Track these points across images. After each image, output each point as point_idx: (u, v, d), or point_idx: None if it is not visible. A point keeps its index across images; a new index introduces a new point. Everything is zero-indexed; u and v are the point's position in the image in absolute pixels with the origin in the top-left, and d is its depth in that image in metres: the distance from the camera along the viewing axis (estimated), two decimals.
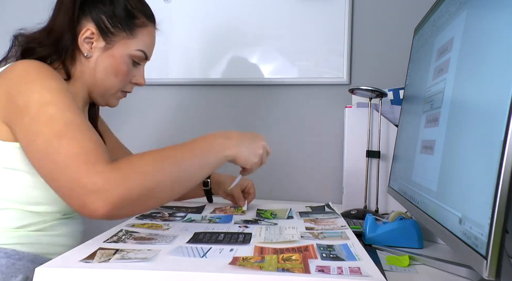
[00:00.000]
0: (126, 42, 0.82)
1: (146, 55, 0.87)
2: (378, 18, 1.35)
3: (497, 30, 0.51)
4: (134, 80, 0.88)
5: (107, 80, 0.83)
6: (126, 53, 0.83)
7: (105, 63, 0.82)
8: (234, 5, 1.42)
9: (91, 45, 0.80)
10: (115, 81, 0.84)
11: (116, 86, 0.85)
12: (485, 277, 0.44)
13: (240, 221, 0.81)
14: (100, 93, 0.85)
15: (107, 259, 0.53)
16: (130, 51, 0.83)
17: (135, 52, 0.84)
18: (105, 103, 0.88)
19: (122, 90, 0.87)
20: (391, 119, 1.17)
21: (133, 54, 0.83)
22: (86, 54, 0.80)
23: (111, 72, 0.82)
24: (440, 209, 0.62)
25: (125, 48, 0.82)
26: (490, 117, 0.48)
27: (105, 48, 0.81)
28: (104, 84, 0.83)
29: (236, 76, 1.44)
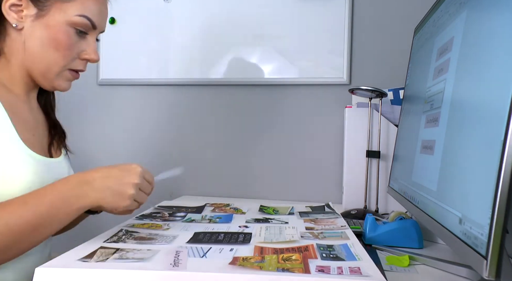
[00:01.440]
0: (61, 6, 0.69)
1: (91, 22, 0.72)
2: (378, 18, 1.35)
3: (497, 30, 0.51)
4: (84, 55, 0.74)
5: (46, 55, 0.70)
6: (64, 20, 0.69)
7: (39, 34, 0.69)
8: (234, 5, 1.42)
9: (21, 14, 0.68)
10: (55, 56, 0.70)
11: (59, 63, 0.71)
12: (485, 277, 0.44)
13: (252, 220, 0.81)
14: (41, 73, 0.72)
15: (105, 258, 0.53)
16: (68, 17, 0.69)
17: (75, 18, 0.70)
18: (51, 86, 0.74)
19: (70, 68, 0.74)
20: (391, 119, 1.17)
21: (73, 21, 0.70)
22: (14, 24, 0.68)
23: (48, 45, 0.69)
24: (440, 209, 0.62)
25: (61, 14, 0.69)
26: (490, 117, 0.48)
27: (37, 16, 0.68)
28: (43, 61, 0.70)
29: (236, 76, 1.44)
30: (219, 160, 1.46)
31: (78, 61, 0.74)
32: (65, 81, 0.75)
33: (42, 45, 0.69)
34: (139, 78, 1.50)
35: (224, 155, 1.46)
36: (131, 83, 1.51)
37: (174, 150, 1.49)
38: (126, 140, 1.53)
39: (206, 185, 1.46)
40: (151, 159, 1.51)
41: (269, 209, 0.91)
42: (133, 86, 1.52)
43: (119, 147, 1.53)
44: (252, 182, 1.44)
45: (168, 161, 1.49)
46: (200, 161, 1.47)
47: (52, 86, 0.74)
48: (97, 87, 1.55)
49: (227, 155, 1.46)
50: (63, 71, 0.73)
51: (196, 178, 1.48)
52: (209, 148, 1.47)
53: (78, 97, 1.54)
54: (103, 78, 1.53)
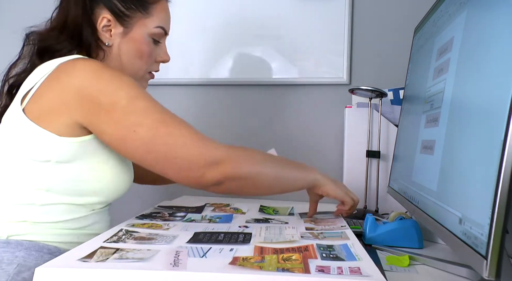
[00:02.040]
0: (143, 22, 0.82)
1: (165, 30, 0.85)
2: (378, 18, 1.35)
3: (497, 30, 0.51)
4: (159, 58, 0.88)
5: (133, 64, 0.83)
6: (146, 33, 0.82)
7: (127, 47, 0.81)
8: (234, 5, 1.42)
9: (110, 33, 0.80)
10: (140, 63, 0.84)
11: (143, 68, 0.85)
12: (485, 277, 0.44)
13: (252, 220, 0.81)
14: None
15: (105, 258, 0.53)
16: (149, 30, 0.82)
17: (154, 29, 0.83)
18: None
19: (150, 71, 0.88)
20: (391, 119, 1.17)
21: (153, 32, 0.83)
22: (107, 43, 0.80)
23: (135, 55, 0.82)
24: (440, 209, 0.62)
25: (143, 28, 0.82)
26: (490, 117, 0.48)
27: (124, 33, 0.81)
28: (131, 69, 0.83)
29: (236, 76, 1.44)
30: None
31: (154, 64, 0.88)
32: (145, 82, 0.89)
33: (130, 56, 0.82)
34: None
35: None
36: None
37: None
38: None
39: None
40: None
41: (269, 209, 0.91)
42: None
43: None
44: None
45: None
46: None
47: None
48: None
49: None
50: (145, 74, 0.87)
51: None
52: None
53: None
54: None
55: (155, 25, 0.83)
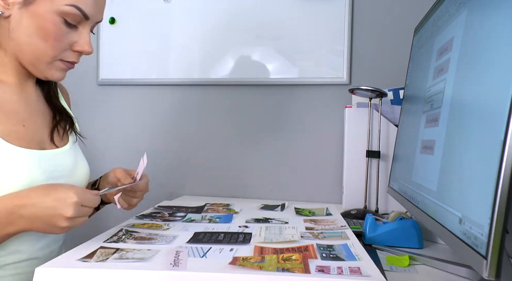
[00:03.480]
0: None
1: (82, 12, 0.68)
2: (378, 18, 1.35)
3: (497, 30, 0.51)
4: (76, 47, 0.71)
5: (34, 45, 0.67)
6: (53, 9, 0.66)
7: (26, 22, 0.66)
8: (234, 5, 1.42)
9: (7, 1, 0.66)
10: (44, 46, 0.68)
11: (47, 52, 0.68)
12: (485, 277, 0.44)
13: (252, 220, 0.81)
14: (30, 62, 0.70)
15: (105, 258, 0.53)
16: (56, 6, 0.66)
17: (65, 7, 0.66)
18: (42, 75, 0.72)
19: (62, 59, 0.71)
20: (391, 119, 1.17)
21: (62, 10, 0.66)
22: (1, 12, 0.66)
23: (36, 34, 0.67)
24: (440, 209, 0.62)
25: (49, 3, 0.66)
26: (490, 117, 0.48)
27: (24, 3, 0.66)
28: (32, 50, 0.68)
29: (236, 76, 1.44)
30: (219, 160, 1.46)
31: (70, 52, 0.71)
32: (58, 70, 0.72)
33: (29, 34, 0.67)
34: (139, 78, 1.50)
35: (224, 155, 1.46)
36: (131, 83, 1.51)
37: (174, 150, 1.49)
38: (126, 140, 1.53)
39: (206, 185, 1.46)
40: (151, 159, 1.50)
41: (304, 211, 0.92)
42: (133, 86, 1.52)
43: (119, 147, 1.53)
44: (252, 182, 1.44)
45: (168, 161, 1.49)
46: (200, 161, 1.47)
47: (44, 75, 0.72)
48: (97, 87, 1.55)
49: (227, 155, 1.46)
50: (53, 61, 0.70)
51: (196, 178, 1.48)
52: (209, 148, 1.47)
53: (78, 97, 1.54)
54: (103, 78, 1.53)
55: (66, 2, 0.66)
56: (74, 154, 0.79)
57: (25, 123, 0.71)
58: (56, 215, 0.59)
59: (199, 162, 1.47)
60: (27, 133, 0.71)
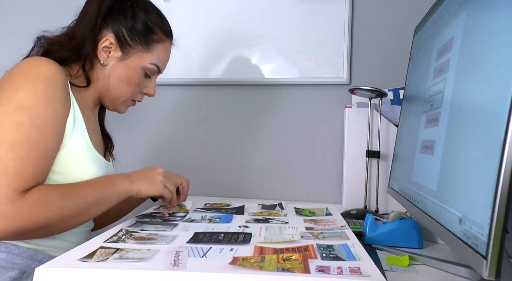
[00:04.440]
0: (141, 55, 0.87)
1: (159, 68, 0.91)
2: (378, 18, 1.35)
3: (497, 30, 0.51)
4: (145, 91, 0.93)
5: (119, 88, 0.88)
6: (140, 65, 0.87)
7: (119, 72, 0.86)
8: (234, 5, 1.42)
9: (109, 54, 0.85)
10: (126, 89, 0.88)
11: (127, 94, 0.90)
12: (485, 277, 0.44)
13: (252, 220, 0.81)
14: (111, 99, 0.90)
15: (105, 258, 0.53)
16: (144, 63, 0.87)
17: (149, 65, 0.88)
18: (114, 109, 0.93)
19: (132, 99, 0.93)
20: (391, 119, 1.17)
21: (147, 66, 0.88)
22: (102, 62, 0.85)
23: (123, 81, 0.87)
24: (440, 209, 0.62)
25: (140, 60, 0.87)
26: (490, 117, 0.48)
27: (121, 58, 0.85)
28: (116, 91, 0.88)
29: (236, 76, 1.44)
30: (219, 160, 1.46)
31: (139, 94, 0.93)
32: (125, 107, 0.95)
33: (119, 80, 0.87)
34: None
35: (224, 155, 1.46)
36: None
37: (174, 150, 1.49)
38: (125, 140, 1.53)
39: (206, 185, 1.46)
40: (151, 159, 1.51)
41: (304, 211, 0.92)
42: None
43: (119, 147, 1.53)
44: (252, 182, 1.44)
45: (168, 161, 1.49)
46: (200, 161, 1.47)
47: (115, 109, 0.93)
48: None
49: (227, 155, 1.46)
50: (127, 100, 0.92)
51: (196, 178, 1.48)
52: (209, 148, 1.47)
53: None
54: None
55: (152, 61, 0.88)
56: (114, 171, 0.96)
57: (98, 138, 0.91)
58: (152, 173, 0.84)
59: (199, 162, 1.47)
60: (98, 145, 0.89)
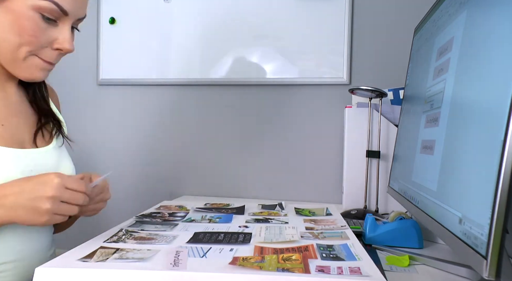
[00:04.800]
0: None
1: (60, 7, 0.65)
2: (378, 18, 1.35)
3: (497, 30, 0.51)
4: (55, 45, 0.68)
5: (9, 41, 0.65)
6: (29, 5, 0.64)
7: (1, 19, 0.64)
8: (234, 5, 1.42)
9: None
10: (18, 42, 0.65)
11: (23, 49, 0.66)
12: (485, 277, 0.44)
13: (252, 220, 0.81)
14: (8, 61, 0.68)
15: (105, 258, 0.53)
16: (32, 1, 0.64)
17: (40, 2, 0.64)
18: (22, 75, 0.70)
19: (40, 57, 0.68)
20: (391, 119, 1.17)
21: (38, 5, 0.64)
22: None
23: (10, 31, 0.64)
24: (440, 209, 0.62)
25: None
26: (490, 117, 0.48)
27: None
28: (7, 48, 0.65)
29: (236, 76, 1.44)
30: (219, 160, 1.46)
31: (49, 50, 0.69)
32: (37, 70, 0.69)
33: (3, 31, 0.64)
34: (139, 78, 1.50)
35: (224, 155, 1.46)
36: (131, 83, 1.51)
37: (174, 150, 1.49)
38: (126, 140, 1.53)
39: (206, 185, 1.46)
40: (151, 159, 1.51)
41: (304, 210, 0.92)
42: (133, 86, 1.52)
43: (119, 147, 1.53)
44: (252, 182, 1.44)
45: (168, 161, 1.49)
46: (200, 161, 1.47)
47: (24, 75, 0.70)
48: (97, 87, 1.55)
49: (227, 155, 1.46)
50: (29, 56, 0.67)
51: (196, 178, 1.48)
52: (209, 148, 1.47)
53: (78, 97, 1.54)
54: (103, 78, 1.53)
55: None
56: (57, 155, 0.77)
57: (4, 123, 0.70)
58: (36, 198, 0.57)
59: (199, 162, 1.47)
60: (5, 132, 0.69)
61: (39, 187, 0.58)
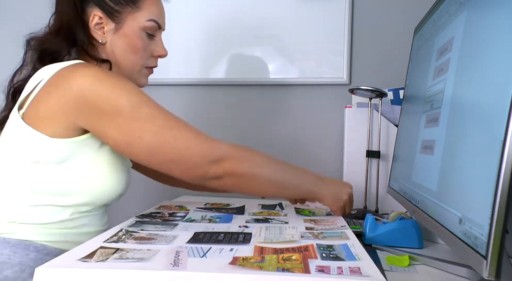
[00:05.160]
0: (133, 16, 0.82)
1: (158, 24, 0.85)
2: (378, 18, 1.35)
3: (497, 30, 0.51)
4: (155, 53, 0.88)
5: (128, 59, 0.83)
6: (137, 27, 0.82)
7: (120, 43, 0.82)
8: (234, 5, 1.42)
9: (103, 30, 0.81)
10: (135, 58, 0.84)
11: (138, 63, 0.85)
12: (485, 277, 0.44)
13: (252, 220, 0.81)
14: (127, 74, 0.84)
15: (105, 258, 0.53)
16: (140, 23, 0.82)
17: (146, 23, 0.83)
18: (137, 84, 0.86)
19: (147, 66, 0.88)
20: (391, 119, 1.17)
21: (144, 25, 0.83)
22: (100, 40, 0.81)
23: (129, 51, 0.82)
24: (440, 209, 0.62)
25: (134, 22, 0.82)
26: (490, 117, 0.48)
27: (116, 29, 0.81)
28: (127, 64, 0.83)
29: (236, 76, 1.44)
30: None
31: (151, 59, 0.88)
32: (144, 78, 0.89)
33: (124, 52, 0.82)
34: None
35: None
36: None
37: None
38: None
39: None
40: None
41: (305, 211, 0.92)
42: None
43: None
44: None
45: None
46: None
47: (137, 84, 0.86)
48: None
49: None
50: (142, 69, 0.86)
51: None
52: None
53: None
54: None
55: (146, 18, 0.83)
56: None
57: None
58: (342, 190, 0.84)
59: None
60: None
61: (343, 184, 0.87)
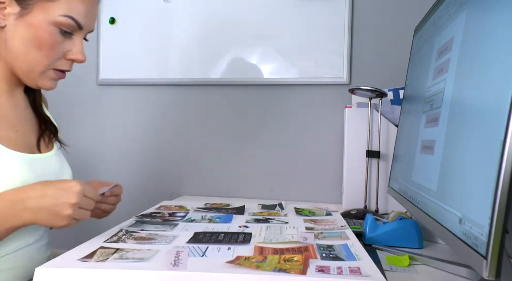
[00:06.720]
0: (45, 5, 0.67)
1: (77, 22, 0.70)
2: (378, 18, 1.35)
3: (497, 30, 0.51)
4: (69, 55, 0.72)
5: (29, 54, 0.68)
6: (48, 20, 0.67)
7: (22, 32, 0.67)
8: (234, 5, 1.42)
9: (3, 12, 0.67)
10: (38, 55, 0.69)
11: (42, 62, 0.70)
12: (485, 277, 0.44)
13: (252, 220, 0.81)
14: (24, 71, 0.71)
15: (105, 258, 0.53)
16: (52, 17, 0.67)
17: (60, 18, 0.68)
18: (35, 84, 0.73)
19: (55, 68, 0.72)
20: (391, 119, 1.17)
21: (58, 20, 0.68)
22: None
23: (31, 44, 0.68)
24: (440, 209, 0.62)
25: (44, 14, 0.67)
26: (490, 117, 0.48)
27: (20, 14, 0.67)
28: (26, 60, 0.69)
29: (236, 76, 1.43)
30: (219, 160, 1.46)
31: (63, 61, 0.72)
32: (49, 80, 0.73)
33: (24, 44, 0.68)
34: (139, 78, 1.50)
35: (224, 155, 1.46)
36: (131, 83, 1.51)
37: (174, 150, 1.49)
38: (126, 140, 1.53)
39: (206, 185, 1.46)
40: (151, 158, 1.51)
41: (304, 210, 0.92)
42: (133, 86, 1.52)
43: (119, 147, 1.53)
44: (252, 182, 1.44)
45: (168, 161, 1.49)
46: (200, 161, 1.47)
47: (36, 84, 0.73)
48: (97, 87, 1.55)
49: (227, 155, 1.46)
50: (46, 70, 0.71)
51: (196, 178, 1.48)
52: (209, 148, 1.47)
53: (78, 97, 1.54)
54: (103, 78, 1.53)
55: (61, 13, 0.68)
56: (59, 160, 0.80)
57: (17, 129, 0.73)
58: (60, 203, 0.60)
59: (199, 162, 1.47)
60: (18, 138, 0.72)
61: (62, 193, 0.61)
